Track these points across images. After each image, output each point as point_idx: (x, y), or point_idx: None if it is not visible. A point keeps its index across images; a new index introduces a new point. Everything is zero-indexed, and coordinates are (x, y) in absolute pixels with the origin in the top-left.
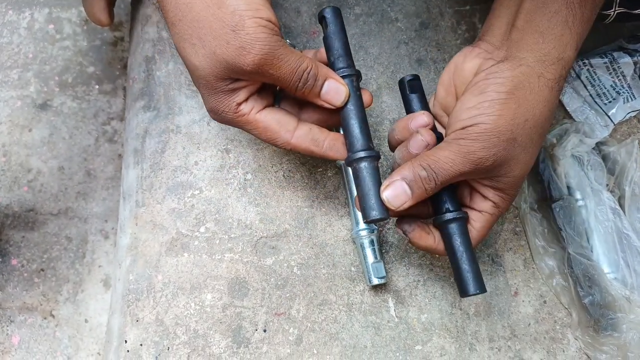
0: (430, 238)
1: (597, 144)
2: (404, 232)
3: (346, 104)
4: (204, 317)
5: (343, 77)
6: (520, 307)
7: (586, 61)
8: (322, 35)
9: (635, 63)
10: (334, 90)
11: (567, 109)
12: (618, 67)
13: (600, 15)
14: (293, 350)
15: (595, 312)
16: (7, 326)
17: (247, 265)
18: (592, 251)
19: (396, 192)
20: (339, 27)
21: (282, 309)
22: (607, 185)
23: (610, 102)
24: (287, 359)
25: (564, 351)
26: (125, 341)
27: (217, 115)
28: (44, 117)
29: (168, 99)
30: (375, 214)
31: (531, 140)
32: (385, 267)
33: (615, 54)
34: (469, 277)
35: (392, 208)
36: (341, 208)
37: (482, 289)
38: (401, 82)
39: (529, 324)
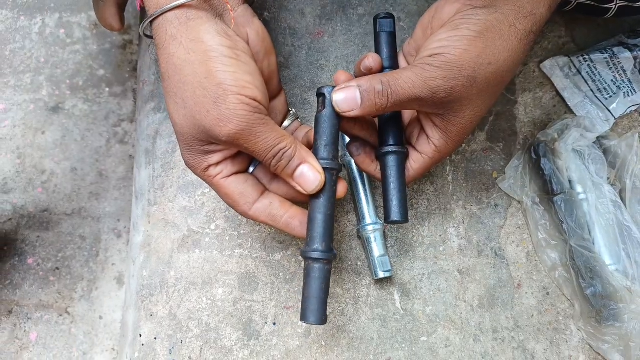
0: (372, 165)
1: (598, 138)
2: (351, 154)
3: (318, 194)
4: (215, 311)
5: (324, 168)
6: (523, 299)
7: (587, 57)
8: (316, 112)
9: (635, 58)
10: (308, 176)
11: (568, 104)
12: (618, 62)
13: (601, 10)
14: (302, 342)
15: (597, 303)
16: (25, 323)
17: (257, 260)
18: (593, 243)
19: (347, 95)
20: (335, 113)
21: (290, 303)
22: (608, 178)
23: (611, 96)
24: (296, 351)
25: (566, 342)
26: (140, 335)
27: (189, 167)
28: (57, 119)
29: None
30: (313, 319)
31: (489, 85)
32: (390, 261)
33: (616, 49)
34: (394, 206)
35: (338, 110)
36: (347, 204)
37: (404, 218)
38: (374, 20)
39: (532, 315)
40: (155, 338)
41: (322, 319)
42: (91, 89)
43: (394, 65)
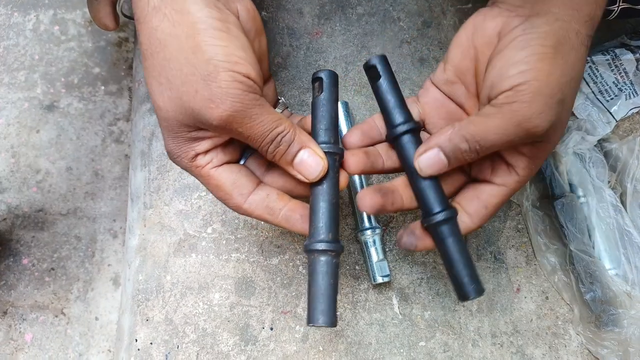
0: (429, 241)
1: (599, 141)
2: (408, 249)
3: (321, 180)
4: (212, 316)
5: (326, 153)
6: (522, 303)
7: (588, 58)
8: (313, 98)
9: (637, 60)
10: (310, 162)
11: None
12: (620, 63)
13: (604, 11)
14: (299, 347)
15: (597, 308)
16: (20, 324)
17: (254, 264)
18: (593, 248)
19: (431, 161)
20: (333, 96)
21: (288, 307)
22: (609, 182)
23: (612, 98)
24: (293, 356)
25: (565, 346)
26: (136, 340)
27: (173, 159)
28: (51, 118)
29: None
30: (322, 320)
31: (572, 100)
32: (389, 266)
33: (617, 51)
34: (466, 281)
35: (425, 176)
36: (345, 207)
37: (480, 292)
38: (364, 68)
39: (531, 320)
40: (151, 343)
41: (333, 320)
42: (86, 87)
43: (405, 110)
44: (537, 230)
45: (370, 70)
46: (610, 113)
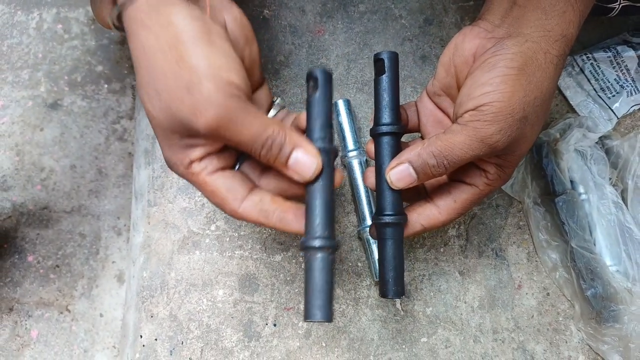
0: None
1: (600, 138)
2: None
3: (316, 178)
4: (216, 313)
5: (319, 150)
6: (523, 299)
7: (590, 55)
8: (307, 95)
9: (639, 57)
10: (304, 161)
11: (571, 103)
12: (622, 60)
13: (605, 9)
14: (302, 343)
15: (598, 304)
16: (26, 321)
17: (257, 261)
18: (594, 244)
19: (401, 175)
20: (327, 94)
21: (291, 304)
22: (610, 179)
23: (614, 95)
24: (296, 352)
25: (566, 342)
26: (141, 336)
27: (170, 167)
28: (55, 116)
29: None
30: (319, 315)
31: (538, 117)
32: None
33: (619, 48)
34: (391, 282)
35: (394, 188)
36: (347, 205)
37: (399, 295)
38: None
39: (532, 316)
40: (156, 339)
41: (329, 315)
42: (89, 85)
43: (394, 113)
44: (538, 227)
45: (377, 63)
46: (612, 110)
